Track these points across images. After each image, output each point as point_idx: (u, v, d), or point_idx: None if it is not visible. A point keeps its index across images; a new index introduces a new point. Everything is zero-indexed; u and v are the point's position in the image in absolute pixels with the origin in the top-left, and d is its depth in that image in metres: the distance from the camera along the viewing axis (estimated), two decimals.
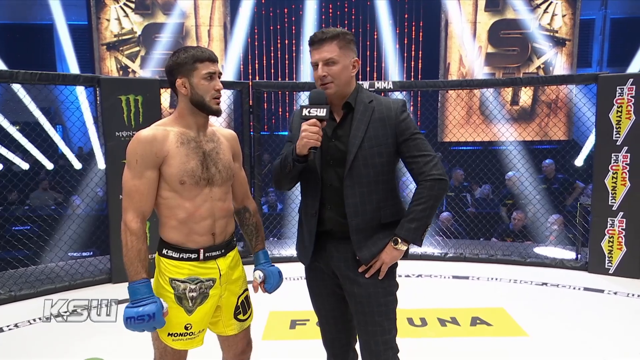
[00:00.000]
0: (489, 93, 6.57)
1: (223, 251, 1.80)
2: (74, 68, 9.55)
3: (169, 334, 1.74)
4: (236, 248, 1.90)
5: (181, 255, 1.73)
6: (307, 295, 2.02)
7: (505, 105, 9.37)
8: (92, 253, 5.35)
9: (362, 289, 1.79)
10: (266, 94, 5.37)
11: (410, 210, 1.77)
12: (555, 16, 9.31)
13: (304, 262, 1.92)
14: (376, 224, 1.79)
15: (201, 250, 1.74)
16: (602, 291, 3.96)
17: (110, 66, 9.59)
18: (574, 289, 4.05)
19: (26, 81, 3.82)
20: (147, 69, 9.54)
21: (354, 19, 9.67)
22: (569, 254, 4.88)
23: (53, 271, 4.26)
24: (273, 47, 9.81)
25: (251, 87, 4.74)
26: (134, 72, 9.60)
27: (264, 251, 1.98)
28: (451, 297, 3.90)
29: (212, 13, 9.61)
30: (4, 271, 4.27)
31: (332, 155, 1.79)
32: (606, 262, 4.32)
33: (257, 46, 9.78)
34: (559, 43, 9.37)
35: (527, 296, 3.92)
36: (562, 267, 4.58)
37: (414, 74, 9.80)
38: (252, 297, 1.96)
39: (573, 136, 8.94)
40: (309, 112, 1.70)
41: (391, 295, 1.83)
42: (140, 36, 9.58)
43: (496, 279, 4.32)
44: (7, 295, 3.80)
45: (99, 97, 4.28)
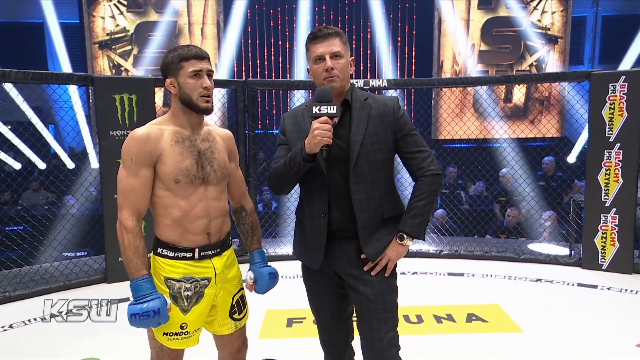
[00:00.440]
0: (482, 91, 6.60)
1: (218, 250, 1.79)
2: (65, 67, 9.45)
3: (164, 333, 1.73)
4: (232, 247, 1.89)
5: (176, 254, 1.72)
6: (303, 293, 2.02)
7: (499, 102, 9.41)
8: (86, 253, 5.32)
9: (368, 287, 1.79)
10: (259, 92, 5.36)
11: (412, 205, 1.79)
12: (547, 13, 9.36)
13: (314, 266, 1.87)
14: (379, 219, 1.81)
15: (196, 249, 1.73)
16: (595, 287, 4.00)
17: (103, 65, 9.52)
18: (568, 284, 4.08)
19: (19, 80, 3.78)
20: (140, 68, 9.47)
21: (348, 17, 9.66)
22: (562, 250, 4.92)
23: (47, 271, 4.23)
24: (267, 46, 9.78)
25: (246, 86, 4.74)
26: (126, 70, 9.54)
27: (259, 251, 1.97)
28: (446, 294, 3.92)
29: (205, 11, 9.55)
30: None
31: (335, 154, 1.78)
32: (599, 258, 4.36)
33: (250, 44, 9.75)
34: (551, 40, 9.41)
35: (522, 292, 3.95)
36: (555, 264, 4.62)
37: (408, 72, 9.80)
38: (248, 295, 1.96)
39: (565, 133, 8.99)
40: (319, 110, 1.67)
41: (395, 293, 1.85)
42: (132, 34, 9.51)
43: (491, 275, 4.35)
44: (1, 296, 3.77)
45: (92, 96, 4.25)
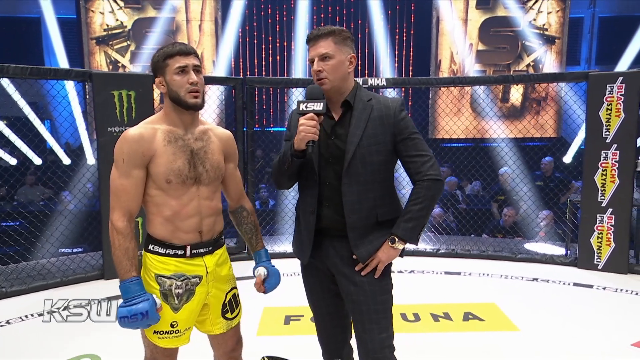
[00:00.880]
0: (480, 90, 6.61)
1: (210, 248, 1.78)
2: (62, 62, 9.40)
3: (154, 331, 1.72)
4: (224, 246, 1.88)
5: (167, 251, 1.71)
6: (301, 291, 2.02)
7: (497, 102, 9.44)
8: (83, 249, 5.30)
9: (358, 287, 1.79)
10: (257, 90, 5.35)
11: (407, 209, 1.78)
12: (545, 14, 9.39)
13: (302, 260, 1.91)
14: (373, 222, 1.80)
15: (188, 247, 1.72)
16: (591, 286, 4.03)
17: (100, 61, 9.48)
18: (564, 284, 4.11)
19: (16, 75, 3.75)
20: (138, 64, 9.44)
21: (346, 15, 9.66)
22: (558, 250, 4.94)
23: (45, 267, 4.22)
24: (265, 43, 9.76)
25: (244, 83, 4.73)
26: (123, 66, 9.50)
27: (265, 250, 1.97)
28: (443, 292, 3.94)
29: (203, 8, 9.52)
30: None
31: (331, 153, 1.79)
32: (595, 257, 4.39)
33: (248, 42, 9.72)
34: (548, 41, 9.45)
35: (518, 291, 3.97)
36: (552, 263, 4.64)
37: (405, 71, 9.81)
38: (246, 292, 1.95)
39: (562, 133, 9.02)
40: (305, 107, 1.71)
41: (387, 294, 1.84)
42: (130, 31, 9.48)
43: (487, 274, 4.37)
44: None
45: (89, 92, 4.23)
